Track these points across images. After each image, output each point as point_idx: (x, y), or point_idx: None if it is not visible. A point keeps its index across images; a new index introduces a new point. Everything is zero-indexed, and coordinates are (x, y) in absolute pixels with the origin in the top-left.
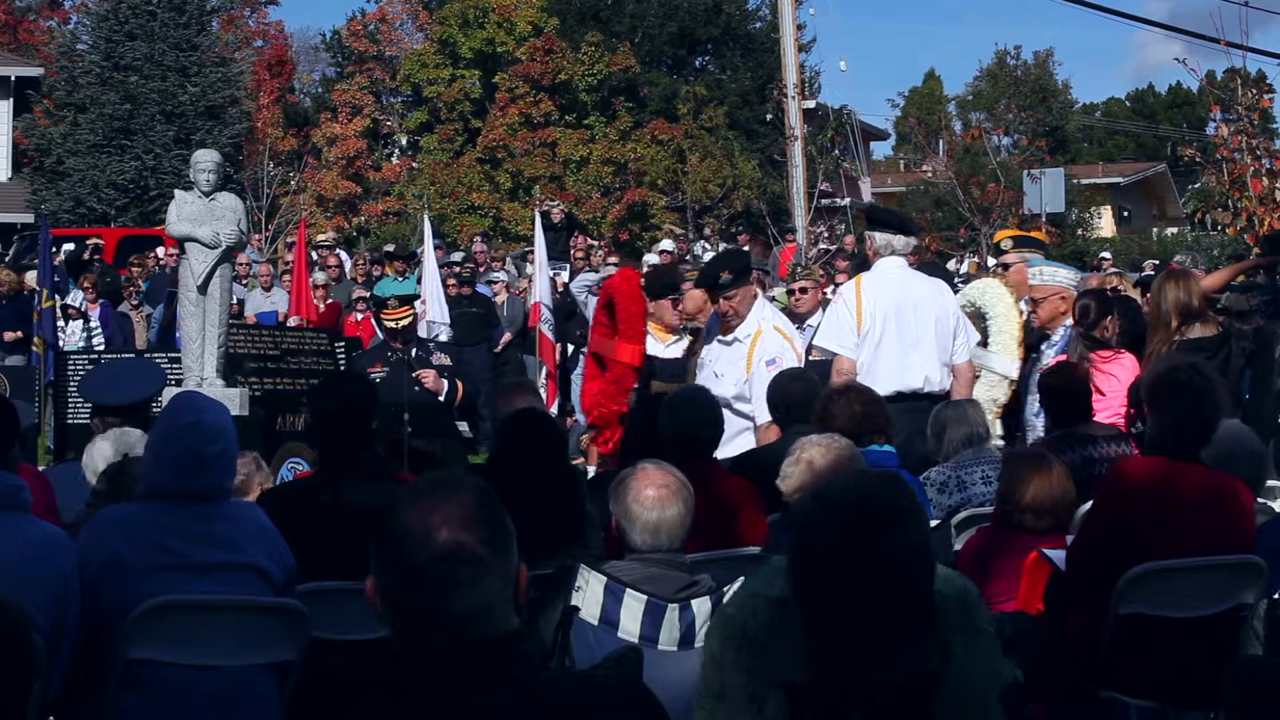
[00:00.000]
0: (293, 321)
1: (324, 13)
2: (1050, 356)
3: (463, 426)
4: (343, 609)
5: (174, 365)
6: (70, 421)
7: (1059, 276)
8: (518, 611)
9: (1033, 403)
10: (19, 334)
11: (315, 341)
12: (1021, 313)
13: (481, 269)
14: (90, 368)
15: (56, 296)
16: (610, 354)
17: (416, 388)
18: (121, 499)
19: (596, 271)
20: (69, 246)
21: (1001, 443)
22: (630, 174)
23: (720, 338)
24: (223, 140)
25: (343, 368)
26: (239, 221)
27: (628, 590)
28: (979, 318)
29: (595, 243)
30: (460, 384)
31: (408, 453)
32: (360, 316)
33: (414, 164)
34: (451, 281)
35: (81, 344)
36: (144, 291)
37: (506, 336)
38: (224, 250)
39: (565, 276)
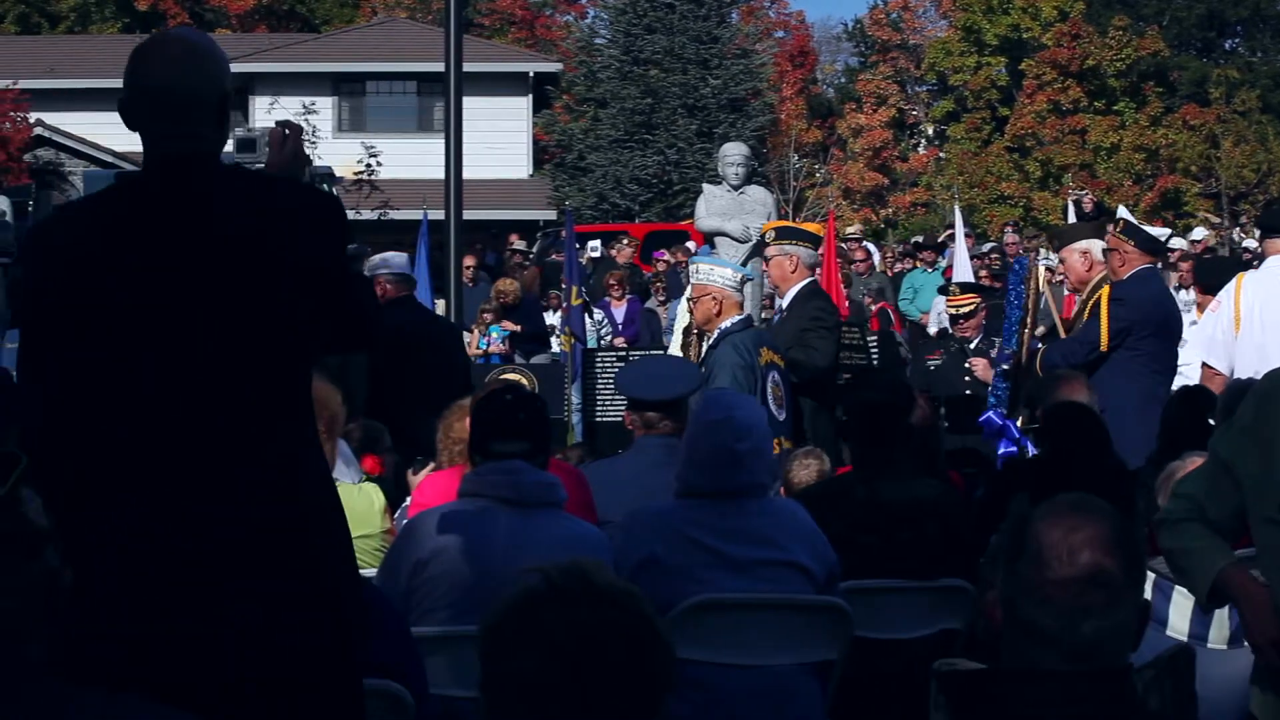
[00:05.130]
0: None
1: (845, 2)
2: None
3: None
4: (881, 608)
5: None
6: (599, 420)
7: (715, 275)
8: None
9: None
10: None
11: (847, 336)
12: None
13: (1012, 260)
14: (620, 364)
15: (584, 293)
16: None
17: (966, 377)
18: None
19: None
20: (595, 243)
21: None
22: (1162, 160)
23: None
24: (746, 133)
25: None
26: (768, 215)
27: (1176, 587)
28: None
29: None
30: None
31: None
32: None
33: (941, 154)
34: (983, 273)
35: (606, 340)
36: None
37: (1040, 329)
38: (754, 244)
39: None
